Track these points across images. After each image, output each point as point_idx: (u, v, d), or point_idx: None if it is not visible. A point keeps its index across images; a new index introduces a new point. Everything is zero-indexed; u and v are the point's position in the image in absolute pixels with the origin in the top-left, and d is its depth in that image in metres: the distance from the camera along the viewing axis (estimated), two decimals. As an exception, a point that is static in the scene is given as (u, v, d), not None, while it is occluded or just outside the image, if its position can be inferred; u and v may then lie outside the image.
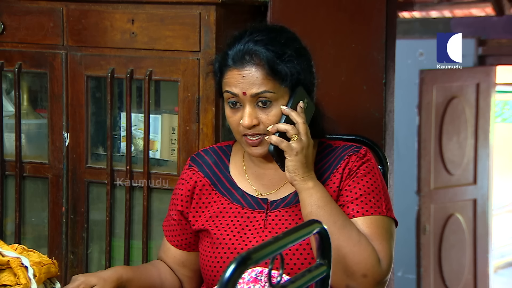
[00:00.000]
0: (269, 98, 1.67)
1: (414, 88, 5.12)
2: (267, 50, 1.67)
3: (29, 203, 2.60)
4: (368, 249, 1.62)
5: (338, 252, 1.60)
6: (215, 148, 1.88)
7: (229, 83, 1.69)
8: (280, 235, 1.05)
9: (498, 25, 5.44)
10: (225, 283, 0.94)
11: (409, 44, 5.17)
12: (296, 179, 1.65)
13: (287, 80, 1.67)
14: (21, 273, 1.54)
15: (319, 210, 1.63)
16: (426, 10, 5.62)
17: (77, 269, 2.51)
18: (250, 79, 1.66)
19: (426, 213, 5.15)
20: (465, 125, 5.34)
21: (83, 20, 2.43)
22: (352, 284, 1.61)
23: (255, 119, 1.67)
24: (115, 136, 2.51)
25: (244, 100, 1.67)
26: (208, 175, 1.82)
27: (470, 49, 5.33)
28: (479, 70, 5.42)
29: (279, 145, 1.65)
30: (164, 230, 1.89)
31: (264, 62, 1.66)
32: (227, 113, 1.73)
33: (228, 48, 1.72)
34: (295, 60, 1.69)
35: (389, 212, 1.71)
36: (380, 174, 1.76)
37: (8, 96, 2.66)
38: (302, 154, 1.65)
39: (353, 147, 1.76)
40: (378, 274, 1.62)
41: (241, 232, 1.73)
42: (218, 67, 1.74)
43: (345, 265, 1.60)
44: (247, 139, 1.70)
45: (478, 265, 5.45)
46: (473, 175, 5.41)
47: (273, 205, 1.75)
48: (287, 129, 1.66)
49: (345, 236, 1.61)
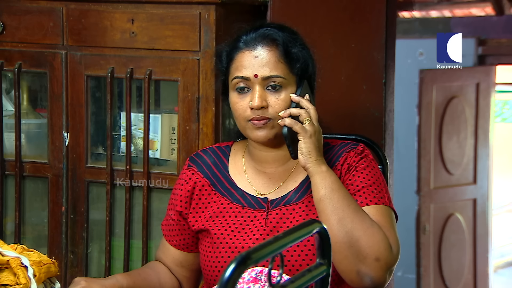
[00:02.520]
0: (279, 83, 1.68)
1: (414, 87, 5.12)
2: (282, 32, 1.71)
3: (29, 202, 2.60)
4: (380, 233, 1.62)
5: (351, 235, 1.60)
6: (214, 149, 1.87)
7: (239, 67, 1.70)
8: (280, 234, 1.05)
9: (498, 25, 5.44)
10: (225, 282, 0.94)
11: (409, 44, 5.17)
12: (310, 161, 1.65)
13: (298, 64, 1.70)
14: (21, 272, 1.54)
15: (333, 193, 1.64)
16: (426, 10, 5.61)
17: (77, 268, 2.51)
18: (262, 60, 1.68)
19: (426, 213, 5.15)
20: (465, 125, 5.34)
21: (83, 20, 2.44)
22: (363, 268, 1.60)
23: (264, 101, 1.68)
24: (115, 136, 2.51)
25: (254, 83, 1.68)
26: (208, 175, 1.82)
27: (470, 49, 5.32)
28: (479, 70, 5.42)
29: (293, 126, 1.65)
30: (162, 230, 1.88)
31: (279, 43, 1.69)
32: (233, 99, 1.72)
33: (240, 34, 1.74)
34: (305, 49, 1.74)
35: (391, 203, 1.73)
36: (378, 168, 1.77)
37: (8, 96, 2.66)
38: (315, 137, 1.66)
39: (350, 144, 1.78)
40: (390, 258, 1.62)
41: (241, 231, 1.73)
42: (227, 53, 1.75)
43: (358, 249, 1.60)
44: (253, 122, 1.69)
45: (478, 265, 5.45)
46: (473, 175, 5.40)
47: (273, 204, 1.75)
48: (300, 113, 1.67)
49: (358, 219, 1.62)
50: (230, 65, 1.73)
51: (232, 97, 1.73)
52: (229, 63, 1.74)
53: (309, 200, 1.73)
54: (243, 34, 1.73)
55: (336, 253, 1.61)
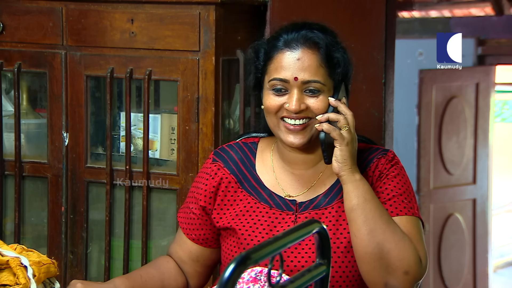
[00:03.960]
0: (318, 88, 1.64)
1: (413, 88, 5.12)
2: (324, 36, 1.66)
3: (29, 202, 2.60)
4: (411, 246, 1.60)
5: (382, 247, 1.58)
6: (240, 144, 1.81)
7: (278, 68, 1.65)
8: (280, 234, 1.05)
9: (497, 25, 5.44)
10: (225, 282, 0.94)
11: (409, 44, 5.17)
12: (344, 170, 1.62)
13: (339, 69, 1.66)
14: (20, 272, 1.54)
15: (366, 203, 1.61)
16: (426, 10, 5.61)
17: (77, 268, 2.51)
18: (304, 63, 1.63)
19: (426, 213, 5.15)
20: (464, 125, 5.34)
21: (83, 20, 2.43)
22: (391, 281, 1.59)
23: (302, 104, 1.64)
24: (115, 136, 2.51)
25: (293, 86, 1.64)
26: (234, 172, 1.76)
27: (470, 49, 5.33)
28: (478, 70, 5.42)
29: (331, 132, 1.62)
30: (180, 222, 1.81)
31: (321, 46, 1.64)
32: (268, 99, 1.67)
33: (281, 32, 1.68)
34: (346, 53, 1.70)
35: (419, 214, 1.70)
36: (407, 176, 1.74)
37: (7, 96, 2.66)
38: (351, 145, 1.63)
39: (380, 150, 1.74)
40: (419, 272, 1.61)
41: (269, 233, 1.68)
42: (265, 51, 1.69)
43: (387, 261, 1.58)
44: (287, 126, 1.65)
45: (478, 265, 5.45)
46: (473, 175, 5.40)
47: (301, 207, 1.70)
48: (339, 119, 1.63)
49: (390, 231, 1.60)
50: (268, 63, 1.67)
51: (267, 97, 1.68)
52: (267, 61, 1.68)
53: (339, 205, 1.69)
54: (284, 33, 1.67)
55: (365, 263, 1.60)
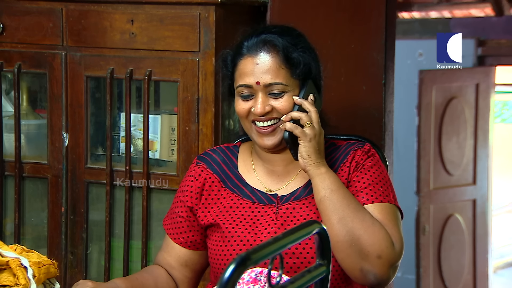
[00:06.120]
0: (281, 90, 1.71)
1: (413, 88, 5.12)
2: (282, 38, 1.72)
3: (29, 203, 2.60)
4: (382, 231, 1.65)
5: (352, 234, 1.64)
6: (222, 148, 1.89)
7: (242, 75, 1.72)
8: (280, 235, 1.05)
9: (497, 25, 5.44)
10: (224, 283, 0.94)
11: (409, 45, 5.17)
12: (309, 164, 1.69)
13: (300, 68, 1.72)
14: (20, 273, 1.54)
15: (333, 194, 1.67)
16: (426, 11, 5.61)
17: (77, 269, 2.51)
18: (264, 67, 1.70)
19: (426, 214, 5.15)
20: (464, 126, 5.34)
21: (83, 21, 2.44)
22: (366, 266, 1.64)
23: (267, 106, 1.71)
24: (115, 137, 2.51)
25: (257, 90, 1.71)
26: (217, 172, 1.83)
27: (470, 50, 5.33)
28: (478, 71, 5.42)
29: (293, 131, 1.68)
30: (166, 229, 1.87)
31: (279, 49, 1.70)
32: (237, 103, 1.75)
33: (243, 39, 1.76)
34: (307, 52, 1.75)
35: (396, 202, 1.76)
36: (384, 167, 1.80)
37: (7, 97, 2.66)
38: (315, 141, 1.69)
39: (357, 143, 1.81)
40: (392, 256, 1.65)
41: (252, 225, 1.74)
42: (231, 59, 1.77)
43: (359, 247, 1.64)
44: (258, 129, 1.73)
45: (478, 266, 5.45)
46: (473, 175, 5.40)
47: (283, 199, 1.77)
48: (300, 116, 1.69)
49: (359, 218, 1.65)
50: (235, 71, 1.76)
51: (236, 102, 1.76)
52: (233, 69, 1.76)
53: None
54: (245, 40, 1.75)
55: (339, 252, 1.65)
